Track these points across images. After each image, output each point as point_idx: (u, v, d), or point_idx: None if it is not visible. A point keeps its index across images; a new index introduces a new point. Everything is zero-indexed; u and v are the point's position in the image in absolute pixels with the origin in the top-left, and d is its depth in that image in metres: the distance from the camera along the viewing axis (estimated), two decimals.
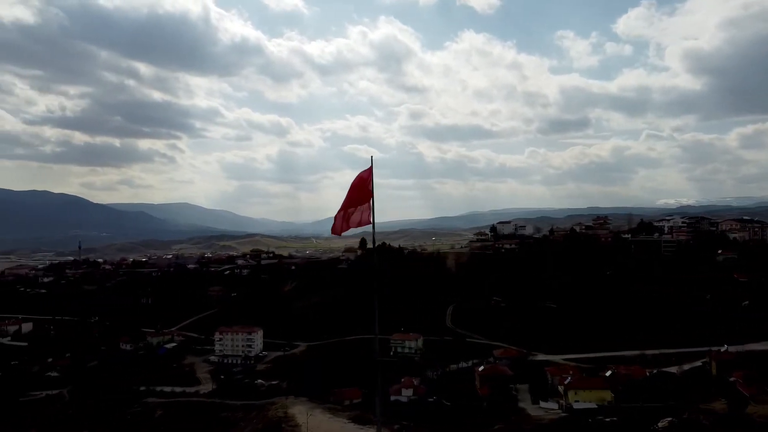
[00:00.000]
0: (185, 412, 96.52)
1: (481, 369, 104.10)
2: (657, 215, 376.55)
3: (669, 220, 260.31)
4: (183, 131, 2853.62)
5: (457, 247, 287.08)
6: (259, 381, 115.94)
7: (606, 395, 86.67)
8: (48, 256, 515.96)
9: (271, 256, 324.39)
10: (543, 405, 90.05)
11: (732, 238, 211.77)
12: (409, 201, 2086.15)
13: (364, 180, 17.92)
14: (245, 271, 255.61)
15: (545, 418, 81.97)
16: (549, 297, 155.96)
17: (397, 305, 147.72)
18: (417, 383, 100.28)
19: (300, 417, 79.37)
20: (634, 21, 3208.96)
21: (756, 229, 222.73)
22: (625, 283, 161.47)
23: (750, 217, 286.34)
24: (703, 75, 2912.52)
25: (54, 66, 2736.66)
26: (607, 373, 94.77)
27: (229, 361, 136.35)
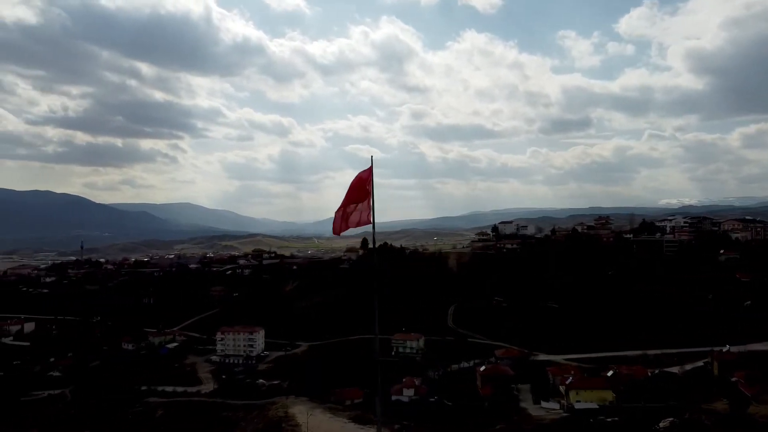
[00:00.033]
0: (186, 411, 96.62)
1: (483, 369, 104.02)
2: (659, 215, 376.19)
3: (671, 220, 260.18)
4: (185, 131, 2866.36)
5: (459, 247, 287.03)
6: (261, 381, 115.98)
7: (607, 395, 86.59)
8: (50, 256, 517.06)
9: (273, 256, 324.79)
10: (544, 405, 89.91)
11: (734, 238, 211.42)
12: (411, 201, 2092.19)
13: (363, 180, 17.92)
14: (247, 271, 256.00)
15: (547, 418, 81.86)
16: (551, 297, 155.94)
17: (399, 305, 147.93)
18: (418, 383, 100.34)
19: (300, 417, 79.37)
20: (636, 21, 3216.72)
21: (758, 229, 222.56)
22: (627, 283, 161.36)
23: (752, 217, 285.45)
24: (706, 75, 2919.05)
25: (56, 66, 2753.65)
26: (609, 373, 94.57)
27: (231, 361, 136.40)
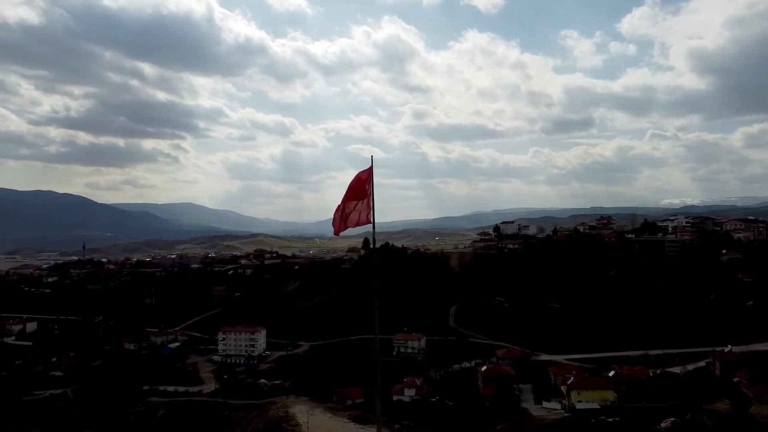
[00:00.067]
0: (187, 411, 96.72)
1: (484, 369, 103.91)
2: (661, 215, 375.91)
3: (673, 220, 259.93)
4: (187, 131, 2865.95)
5: (461, 247, 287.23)
6: (262, 381, 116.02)
7: (609, 395, 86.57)
8: (52, 255, 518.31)
9: (275, 256, 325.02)
10: (546, 405, 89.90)
11: (736, 238, 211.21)
12: (413, 201, 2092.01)
13: (362, 180, 17.90)
14: (249, 271, 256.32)
15: (548, 418, 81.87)
16: (552, 297, 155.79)
17: (401, 305, 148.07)
18: (420, 383, 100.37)
19: (300, 416, 79.59)
20: (638, 20, 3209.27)
21: (760, 229, 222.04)
22: (629, 283, 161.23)
23: (754, 217, 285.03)
24: (708, 74, 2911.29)
25: (58, 66, 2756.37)
26: (610, 374, 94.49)
27: (233, 361, 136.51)
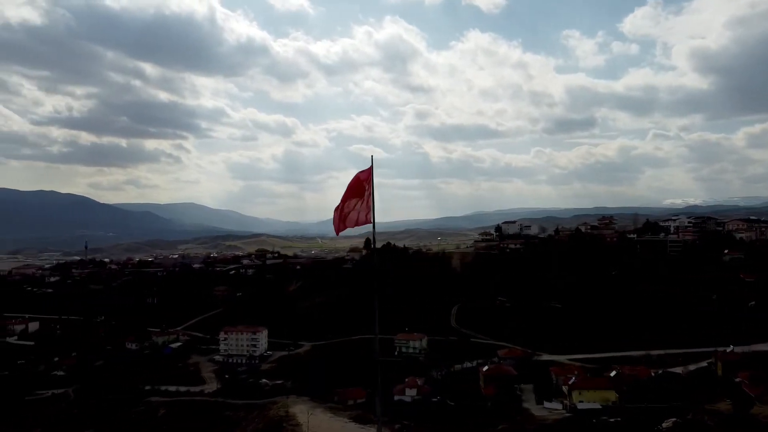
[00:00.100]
0: (188, 411, 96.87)
1: (486, 369, 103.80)
2: (663, 215, 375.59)
3: (675, 219, 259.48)
4: (189, 131, 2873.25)
5: (462, 247, 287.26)
6: (264, 380, 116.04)
7: (610, 395, 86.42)
8: (54, 255, 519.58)
9: (276, 256, 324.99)
10: (547, 405, 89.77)
11: (738, 238, 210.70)
12: (415, 201, 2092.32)
13: (360, 180, 17.84)
14: (250, 271, 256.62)
15: (549, 418, 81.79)
16: (554, 297, 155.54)
17: (402, 305, 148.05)
18: (421, 383, 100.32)
19: (301, 416, 79.62)
20: (640, 20, 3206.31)
21: (763, 229, 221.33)
22: (631, 283, 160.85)
23: (757, 217, 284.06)
24: (710, 74, 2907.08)
25: (61, 67, 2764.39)
26: (612, 374, 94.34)
27: (234, 361, 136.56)
